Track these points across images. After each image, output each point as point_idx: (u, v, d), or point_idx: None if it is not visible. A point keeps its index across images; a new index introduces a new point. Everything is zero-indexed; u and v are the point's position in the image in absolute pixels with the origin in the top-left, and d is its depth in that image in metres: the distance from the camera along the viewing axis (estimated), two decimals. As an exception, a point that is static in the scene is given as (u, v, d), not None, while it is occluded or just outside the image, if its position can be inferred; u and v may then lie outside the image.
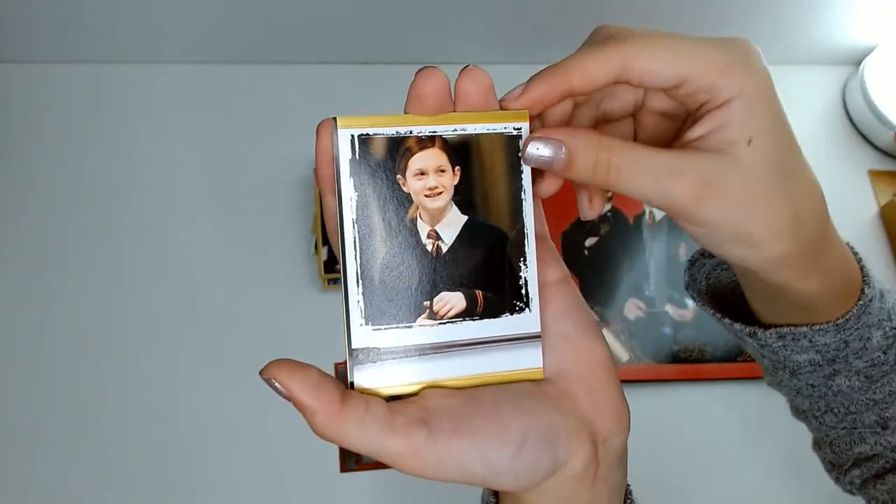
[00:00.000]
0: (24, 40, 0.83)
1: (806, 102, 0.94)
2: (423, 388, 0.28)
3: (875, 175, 0.90)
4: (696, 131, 0.29)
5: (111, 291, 0.77)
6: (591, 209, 0.32)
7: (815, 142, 0.92)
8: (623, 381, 0.30)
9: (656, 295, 0.80)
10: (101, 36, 0.83)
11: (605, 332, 0.63)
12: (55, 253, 0.78)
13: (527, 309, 0.29)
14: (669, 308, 0.79)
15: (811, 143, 0.92)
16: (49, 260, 0.78)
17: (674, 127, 0.32)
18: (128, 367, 0.74)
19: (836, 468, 0.43)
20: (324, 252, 0.77)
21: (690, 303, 0.79)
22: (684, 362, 0.77)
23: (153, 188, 0.82)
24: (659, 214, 0.83)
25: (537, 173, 0.30)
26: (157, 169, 0.83)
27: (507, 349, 0.29)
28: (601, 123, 0.33)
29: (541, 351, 0.29)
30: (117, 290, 0.77)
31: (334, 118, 0.27)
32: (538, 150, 0.28)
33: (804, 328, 0.35)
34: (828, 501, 0.71)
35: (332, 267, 0.77)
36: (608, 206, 0.83)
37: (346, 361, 0.27)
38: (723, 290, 0.42)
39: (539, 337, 0.29)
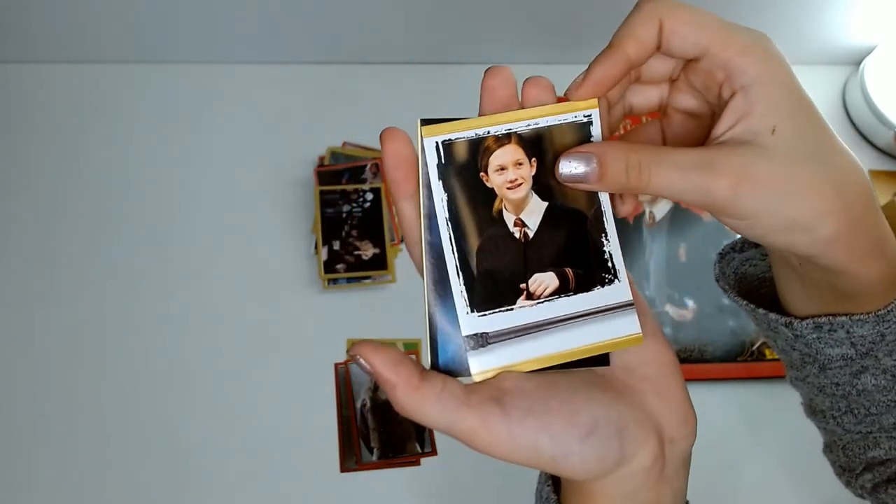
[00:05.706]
0: (24, 40, 0.83)
1: (806, 102, 0.94)
2: (500, 372, 0.29)
3: (875, 175, 0.90)
4: (720, 127, 0.29)
5: (110, 291, 0.77)
6: (623, 205, 0.33)
7: (815, 142, 0.92)
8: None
9: (656, 295, 0.80)
10: (100, 36, 0.83)
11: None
12: (54, 252, 0.78)
13: (616, 279, 0.31)
14: (669, 308, 0.79)
15: (811, 143, 0.93)
16: (48, 259, 0.78)
17: (700, 128, 0.33)
18: (126, 367, 0.74)
19: (848, 472, 0.43)
20: (324, 252, 0.77)
21: (690, 303, 0.79)
22: (684, 362, 0.77)
23: (152, 188, 0.82)
24: (659, 215, 0.83)
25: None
26: (156, 169, 0.83)
27: (605, 319, 0.30)
28: (628, 116, 0.34)
29: (636, 317, 0.31)
30: (117, 289, 0.77)
31: (421, 122, 0.29)
32: (570, 164, 0.29)
33: (843, 318, 0.35)
34: (828, 501, 0.71)
35: (332, 267, 0.77)
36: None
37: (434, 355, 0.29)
38: (748, 286, 0.43)
39: (632, 304, 0.31)
